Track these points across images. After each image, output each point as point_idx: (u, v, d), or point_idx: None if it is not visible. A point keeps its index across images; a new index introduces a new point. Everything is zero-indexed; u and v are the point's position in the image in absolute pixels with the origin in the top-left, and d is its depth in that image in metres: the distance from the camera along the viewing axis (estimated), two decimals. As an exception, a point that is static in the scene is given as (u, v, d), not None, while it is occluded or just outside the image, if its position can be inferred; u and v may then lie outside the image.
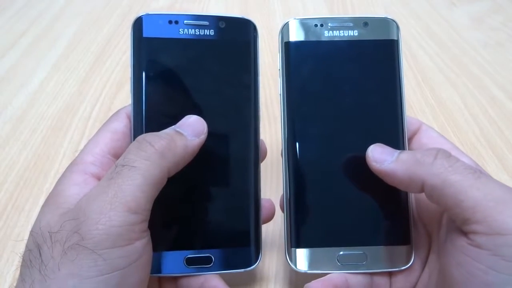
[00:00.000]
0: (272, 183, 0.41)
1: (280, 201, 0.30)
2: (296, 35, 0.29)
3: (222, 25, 0.29)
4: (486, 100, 0.50)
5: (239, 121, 0.29)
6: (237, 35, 0.29)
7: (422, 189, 0.24)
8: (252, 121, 0.29)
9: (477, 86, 0.53)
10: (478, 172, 0.23)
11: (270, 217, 0.30)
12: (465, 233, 0.23)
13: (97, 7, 0.68)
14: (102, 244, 0.21)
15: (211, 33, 0.29)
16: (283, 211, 0.29)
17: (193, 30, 0.29)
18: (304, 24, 0.30)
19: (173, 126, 0.27)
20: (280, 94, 0.29)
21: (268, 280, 0.34)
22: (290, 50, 0.29)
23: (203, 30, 0.29)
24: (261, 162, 0.30)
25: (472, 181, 0.23)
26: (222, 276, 0.28)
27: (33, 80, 0.53)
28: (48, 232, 0.22)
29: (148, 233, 0.25)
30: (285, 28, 0.30)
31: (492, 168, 0.42)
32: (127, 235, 0.22)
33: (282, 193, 0.29)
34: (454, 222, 0.24)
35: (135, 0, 0.70)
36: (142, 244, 0.23)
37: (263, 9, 0.69)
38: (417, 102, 0.50)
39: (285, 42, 0.30)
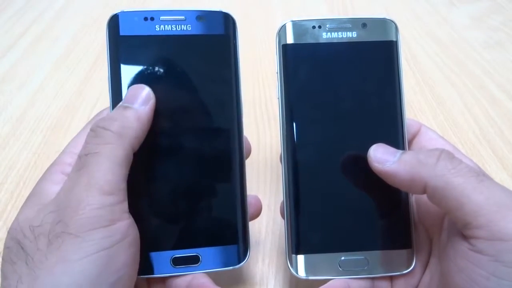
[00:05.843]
0: (272, 185, 0.41)
1: (280, 207, 0.29)
2: (294, 37, 0.29)
3: (200, 19, 0.28)
4: (486, 100, 0.50)
5: (222, 118, 0.29)
6: (216, 29, 0.29)
7: (424, 191, 0.24)
8: (235, 117, 0.29)
9: (477, 86, 0.52)
10: (481, 175, 0.23)
11: (257, 214, 0.30)
12: (466, 238, 0.22)
13: (97, 7, 0.68)
14: (84, 227, 0.22)
15: (188, 28, 0.28)
16: (283, 217, 0.29)
17: (169, 26, 0.28)
18: (302, 26, 0.29)
19: (120, 103, 0.27)
20: (278, 98, 0.29)
21: (268, 282, 0.34)
22: (288, 53, 0.29)
23: (180, 26, 0.28)
24: (246, 159, 0.30)
25: (475, 184, 0.22)
26: (217, 275, 0.28)
27: (33, 80, 0.53)
28: (29, 226, 0.23)
29: (130, 215, 0.25)
30: (282, 31, 0.29)
31: (492, 168, 0.42)
32: (107, 216, 0.23)
33: (282, 198, 0.29)
34: (455, 226, 0.24)
35: (135, 0, 0.70)
36: (124, 225, 0.24)
37: (263, 9, 0.69)
38: (417, 102, 0.50)
39: (282, 45, 0.29)
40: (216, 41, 0.29)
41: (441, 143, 0.29)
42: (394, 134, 0.28)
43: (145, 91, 0.27)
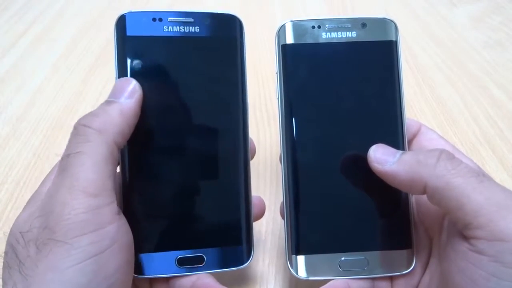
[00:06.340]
0: (272, 185, 0.41)
1: (280, 208, 0.29)
2: (293, 37, 0.29)
3: (207, 21, 0.29)
4: (486, 100, 0.50)
5: (227, 119, 0.29)
6: (223, 31, 0.29)
7: (424, 191, 0.24)
8: (241, 118, 0.29)
9: (477, 86, 0.52)
10: (481, 175, 0.23)
11: (260, 215, 0.30)
12: (466, 238, 0.22)
13: (97, 7, 0.68)
14: (71, 233, 0.21)
15: (196, 30, 0.28)
16: (283, 217, 0.29)
17: (177, 27, 0.28)
18: (301, 26, 0.29)
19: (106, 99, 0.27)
20: (278, 98, 0.29)
21: (268, 282, 0.34)
22: (287, 53, 0.29)
23: (188, 27, 0.28)
24: (251, 160, 0.30)
25: (475, 184, 0.22)
26: (218, 276, 0.28)
27: (33, 80, 0.53)
28: (20, 232, 0.22)
29: (121, 216, 0.24)
30: (281, 31, 0.29)
31: (492, 168, 0.42)
32: (95, 219, 0.22)
33: (281, 199, 0.29)
34: (455, 226, 0.24)
35: (136, 0, 0.69)
36: (114, 228, 0.23)
37: (263, 9, 0.68)
38: (417, 102, 0.50)
39: (281, 45, 0.29)
40: (223, 43, 0.29)
41: (441, 143, 0.29)
42: (394, 134, 0.28)
43: (131, 85, 0.27)
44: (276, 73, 0.29)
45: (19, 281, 0.21)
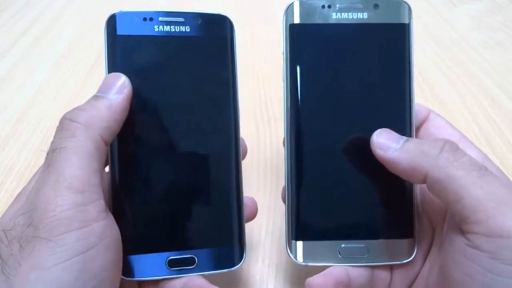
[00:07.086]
0: (272, 185, 0.41)
1: (282, 192, 0.29)
2: (302, 17, 0.28)
3: (198, 21, 0.29)
4: (486, 100, 0.50)
5: (218, 119, 0.29)
6: (214, 31, 0.29)
7: (424, 181, 0.24)
8: (232, 118, 0.29)
9: (477, 86, 0.52)
10: (483, 169, 0.23)
11: (253, 216, 0.30)
12: (464, 233, 0.22)
13: (97, 7, 0.68)
14: (56, 230, 0.21)
15: (187, 30, 0.28)
16: (284, 202, 0.28)
17: (168, 26, 0.28)
18: (310, 5, 0.28)
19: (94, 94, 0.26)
20: (284, 80, 0.28)
21: (268, 282, 0.34)
22: (295, 33, 0.28)
23: (178, 27, 0.28)
24: (242, 160, 0.30)
25: (476, 178, 0.22)
26: (217, 276, 0.28)
27: (33, 80, 0.53)
28: (3, 230, 0.22)
29: (108, 214, 0.24)
30: (289, 10, 0.28)
31: (492, 168, 0.42)
32: (80, 216, 0.22)
33: (283, 184, 0.29)
34: (454, 218, 0.23)
35: (134, 1, 0.70)
36: (100, 226, 0.22)
37: (263, 9, 0.68)
38: (416, 102, 0.50)
39: (289, 25, 0.28)
40: (213, 43, 0.29)
41: (449, 131, 0.28)
42: (402, 120, 0.28)
43: (120, 80, 0.26)
44: (283, 53, 0.28)
45: (1, 281, 0.20)
